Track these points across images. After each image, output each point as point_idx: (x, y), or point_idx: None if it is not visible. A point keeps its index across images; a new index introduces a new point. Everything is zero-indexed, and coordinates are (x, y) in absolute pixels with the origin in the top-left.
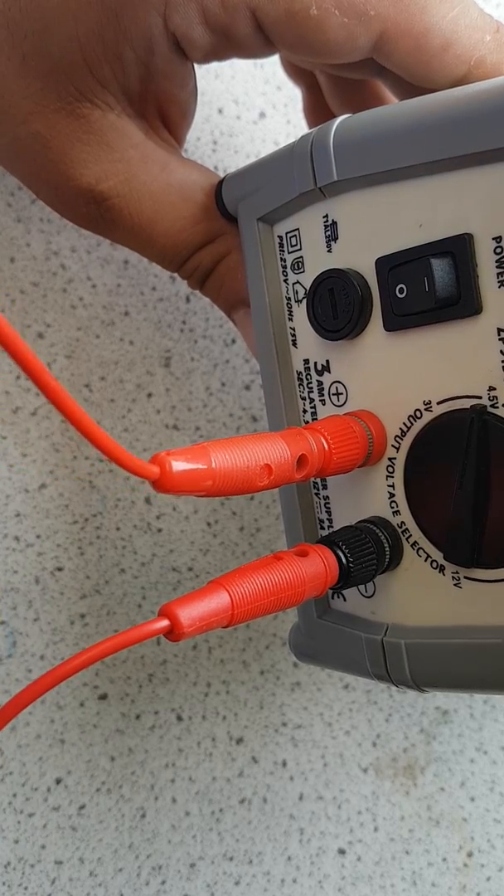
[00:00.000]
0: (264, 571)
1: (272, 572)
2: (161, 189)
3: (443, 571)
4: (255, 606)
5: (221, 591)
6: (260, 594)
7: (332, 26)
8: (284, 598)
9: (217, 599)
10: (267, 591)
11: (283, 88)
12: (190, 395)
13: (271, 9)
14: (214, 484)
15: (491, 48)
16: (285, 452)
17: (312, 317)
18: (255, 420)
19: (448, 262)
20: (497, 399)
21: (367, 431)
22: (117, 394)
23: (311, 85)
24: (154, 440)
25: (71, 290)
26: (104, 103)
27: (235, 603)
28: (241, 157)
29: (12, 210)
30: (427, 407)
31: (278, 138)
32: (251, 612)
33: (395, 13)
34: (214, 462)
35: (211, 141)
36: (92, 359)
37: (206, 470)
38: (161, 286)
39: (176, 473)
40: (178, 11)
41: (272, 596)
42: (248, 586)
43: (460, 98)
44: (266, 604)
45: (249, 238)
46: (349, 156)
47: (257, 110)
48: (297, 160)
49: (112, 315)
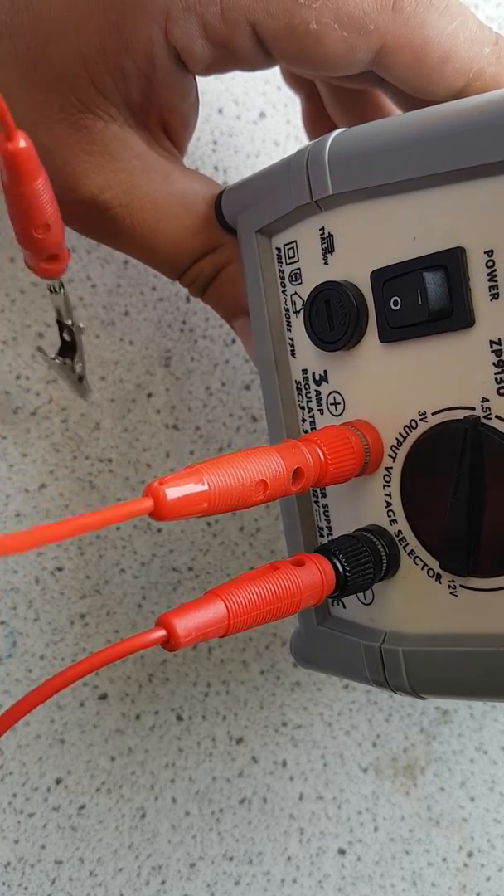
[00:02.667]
0: (260, 582)
1: (268, 582)
2: (163, 199)
3: (439, 580)
4: (252, 616)
5: (218, 602)
6: (256, 604)
7: (332, 40)
8: (280, 608)
9: (213, 610)
10: (263, 601)
11: (283, 88)
12: (190, 395)
13: (271, 23)
14: (210, 505)
15: (490, 61)
16: (280, 466)
17: (309, 328)
18: (254, 420)
19: (441, 275)
20: (490, 410)
21: (363, 441)
22: (117, 394)
23: (310, 94)
24: (154, 440)
25: (71, 291)
26: (106, 114)
27: (231, 613)
28: (240, 157)
29: None
30: (422, 418)
31: (278, 138)
32: (247, 622)
33: (395, 27)
34: (208, 484)
35: (211, 141)
36: (92, 359)
37: (201, 493)
38: (161, 286)
39: (170, 502)
40: (178, 25)
41: (268, 606)
42: (245, 597)
43: (455, 112)
44: (262, 614)
45: (248, 250)
46: (344, 170)
47: (257, 110)
48: (293, 173)
49: (112, 315)
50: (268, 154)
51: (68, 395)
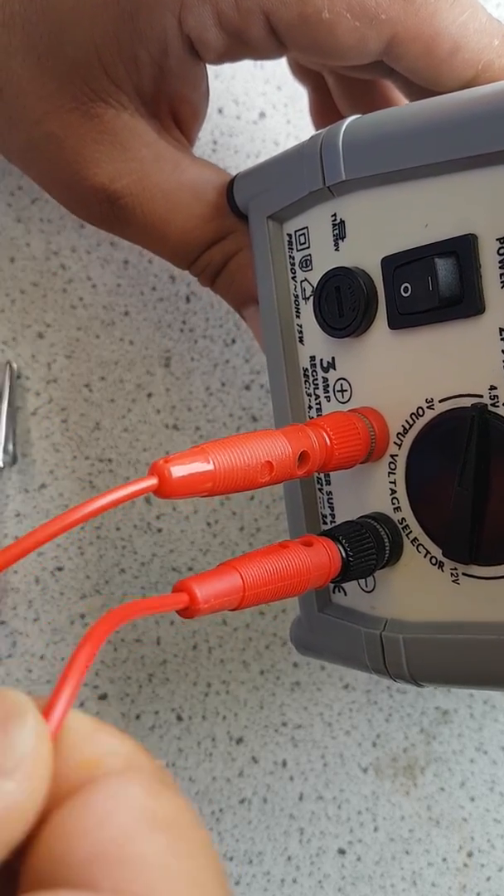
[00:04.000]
0: (273, 557)
1: (280, 558)
2: (173, 187)
3: (441, 568)
4: (264, 590)
5: (234, 573)
6: (269, 579)
7: (344, 30)
8: (290, 585)
9: (229, 580)
10: (275, 576)
11: (283, 88)
12: (190, 395)
13: (284, 12)
14: (215, 485)
15: (499, 52)
16: (287, 449)
17: (319, 314)
18: (254, 420)
19: (452, 262)
20: (498, 398)
21: (369, 428)
22: (117, 394)
23: (317, 85)
24: (154, 440)
25: (71, 290)
26: (118, 103)
27: (247, 585)
28: (240, 157)
29: (12, 210)
30: (429, 405)
31: (278, 138)
32: (260, 595)
33: (406, 17)
34: (213, 463)
35: (211, 141)
36: (92, 359)
37: (206, 472)
38: (161, 286)
39: (175, 480)
40: (192, 14)
41: (280, 582)
42: (258, 570)
43: (467, 100)
44: (273, 589)
45: (259, 236)
46: (358, 155)
47: (257, 110)
48: (306, 159)
49: (112, 315)
50: (268, 154)
51: (68, 394)
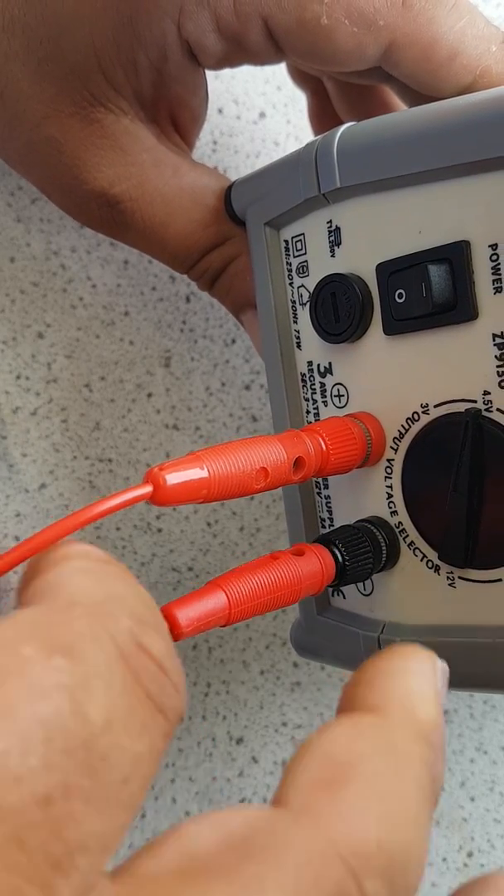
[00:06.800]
0: (261, 571)
1: (269, 571)
2: (173, 192)
3: (438, 571)
4: (252, 605)
5: (218, 591)
6: (256, 593)
7: (342, 36)
8: (281, 597)
9: (214, 599)
10: (263, 590)
11: (283, 88)
12: (190, 395)
13: (283, 18)
14: (210, 492)
15: (497, 58)
16: (282, 455)
17: (315, 320)
18: (255, 420)
19: (445, 268)
20: (492, 403)
21: (365, 433)
22: (117, 394)
23: (316, 90)
24: (154, 440)
25: (71, 290)
26: (117, 108)
27: (232, 602)
28: (240, 157)
29: (12, 210)
30: (424, 410)
31: (278, 138)
32: (248, 610)
33: (404, 23)
34: (208, 470)
35: (211, 141)
36: (92, 359)
37: (201, 479)
38: (161, 286)
39: (170, 487)
40: (191, 19)
41: (269, 595)
42: (245, 586)
43: (462, 107)
44: (263, 602)
45: (257, 242)
46: (352, 163)
47: (257, 110)
48: (302, 166)
49: (112, 315)
50: (268, 154)
51: (68, 394)
